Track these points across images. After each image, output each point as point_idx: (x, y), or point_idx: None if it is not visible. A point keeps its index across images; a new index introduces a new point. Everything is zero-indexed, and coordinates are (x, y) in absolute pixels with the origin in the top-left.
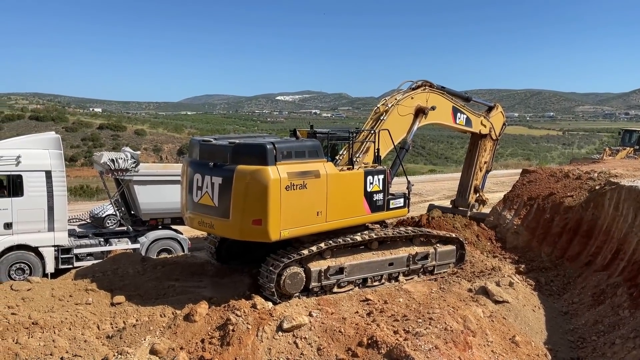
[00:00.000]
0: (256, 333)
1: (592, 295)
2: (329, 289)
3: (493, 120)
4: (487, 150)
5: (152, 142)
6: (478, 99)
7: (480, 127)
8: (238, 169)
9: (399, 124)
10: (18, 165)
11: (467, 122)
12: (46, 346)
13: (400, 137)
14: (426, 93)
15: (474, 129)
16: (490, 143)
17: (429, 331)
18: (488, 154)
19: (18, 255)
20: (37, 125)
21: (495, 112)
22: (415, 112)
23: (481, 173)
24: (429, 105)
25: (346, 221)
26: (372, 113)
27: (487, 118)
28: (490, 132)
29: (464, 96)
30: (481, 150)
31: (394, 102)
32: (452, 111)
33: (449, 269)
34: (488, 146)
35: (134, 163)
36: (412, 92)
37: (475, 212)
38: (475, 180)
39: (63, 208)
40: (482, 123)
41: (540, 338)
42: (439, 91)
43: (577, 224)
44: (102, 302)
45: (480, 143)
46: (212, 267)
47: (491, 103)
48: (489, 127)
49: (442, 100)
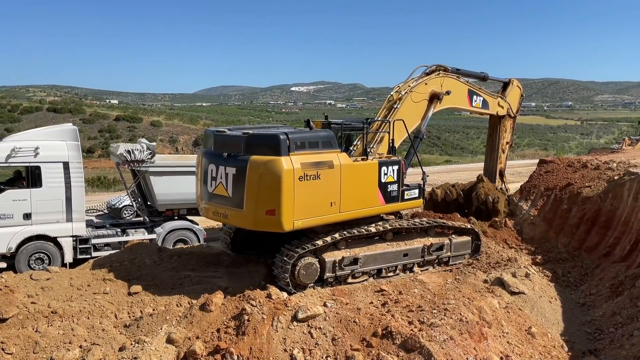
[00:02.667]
0: (271, 323)
1: (610, 287)
2: (343, 279)
3: (510, 98)
4: (508, 130)
5: (167, 134)
6: (494, 76)
7: (498, 108)
8: (252, 160)
9: (413, 112)
10: (36, 157)
11: (483, 105)
12: (65, 335)
13: (414, 124)
14: (440, 77)
15: (491, 111)
16: (509, 122)
17: (444, 322)
18: (509, 133)
19: (37, 246)
20: (55, 117)
21: (511, 88)
22: (430, 97)
23: (504, 155)
24: (444, 90)
25: (360, 212)
26: (385, 101)
27: (503, 98)
28: (508, 112)
29: (479, 75)
30: (501, 131)
31: (407, 90)
32: (468, 94)
33: (464, 260)
34: (508, 126)
35: (150, 154)
36: (425, 78)
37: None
38: (500, 164)
39: (81, 199)
40: (500, 104)
41: (557, 329)
42: (453, 75)
43: (595, 215)
44: (120, 292)
45: (500, 124)
46: (227, 257)
47: (506, 79)
48: (506, 108)
49: (457, 84)
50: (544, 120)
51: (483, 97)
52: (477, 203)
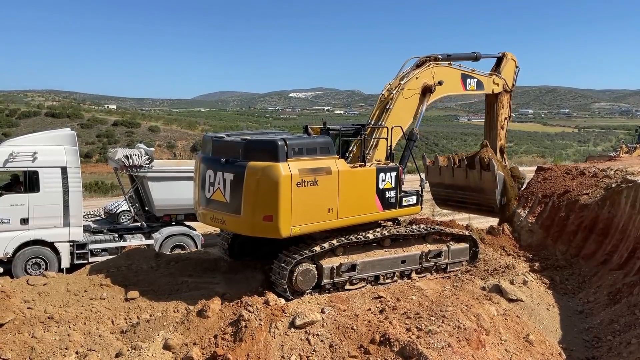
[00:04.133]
0: (269, 329)
1: (608, 294)
2: (341, 285)
3: (505, 73)
4: (505, 106)
5: (166, 139)
6: (486, 53)
7: (493, 86)
8: (249, 165)
9: (406, 110)
10: (34, 162)
11: (478, 86)
12: (61, 340)
13: (408, 123)
14: (431, 68)
15: (487, 90)
16: (506, 97)
17: (442, 329)
18: (507, 108)
19: (34, 250)
20: (53, 122)
21: (505, 63)
22: (422, 91)
23: (504, 131)
24: (436, 80)
25: (358, 218)
26: (378, 101)
27: (498, 75)
28: (504, 88)
29: (472, 56)
30: (499, 108)
31: (398, 88)
32: (461, 79)
33: (462, 266)
34: (505, 101)
35: (148, 159)
36: (416, 72)
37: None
38: (500, 141)
39: (78, 204)
40: (495, 82)
41: (555, 337)
42: (444, 63)
43: (592, 222)
44: (117, 297)
45: (497, 101)
46: (225, 263)
47: (499, 54)
48: (501, 84)
49: (448, 71)
50: (541, 127)
51: (477, 79)
52: (479, 168)
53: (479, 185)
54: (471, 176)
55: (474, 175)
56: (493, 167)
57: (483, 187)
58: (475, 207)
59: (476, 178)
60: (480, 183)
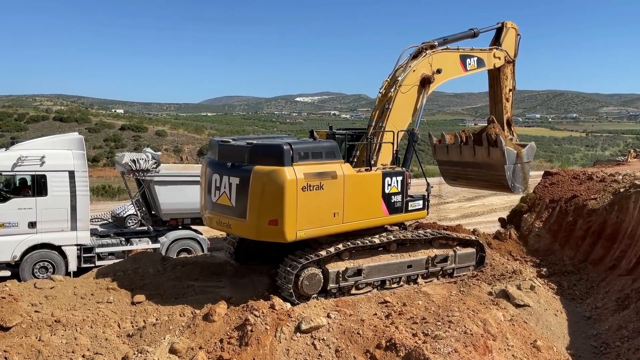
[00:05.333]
0: (274, 334)
1: (616, 300)
2: (347, 290)
3: (505, 44)
4: (509, 77)
5: (172, 143)
6: (484, 27)
7: (494, 60)
8: (255, 170)
9: (407, 106)
10: (42, 166)
11: (478, 64)
12: (68, 344)
13: (409, 120)
14: (428, 57)
15: (488, 66)
16: (509, 67)
17: (448, 334)
18: (510, 80)
19: (42, 254)
20: (61, 126)
21: (505, 33)
22: (421, 82)
23: (509, 103)
24: (434, 68)
25: (363, 222)
26: (377, 100)
27: (499, 48)
28: (506, 59)
29: (469, 34)
30: (502, 80)
31: (396, 85)
32: (460, 60)
33: (468, 271)
34: (508, 72)
35: (154, 164)
36: (412, 65)
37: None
38: (506, 114)
39: (85, 208)
40: (496, 56)
41: (563, 343)
42: (441, 48)
43: (600, 227)
44: (123, 301)
45: (500, 74)
46: (231, 267)
47: (498, 24)
48: (503, 56)
49: (446, 56)
50: (548, 132)
51: (476, 57)
52: (487, 145)
53: (488, 161)
54: (479, 153)
55: (482, 152)
56: (501, 143)
57: (492, 163)
58: (485, 183)
59: (484, 155)
60: (488, 160)
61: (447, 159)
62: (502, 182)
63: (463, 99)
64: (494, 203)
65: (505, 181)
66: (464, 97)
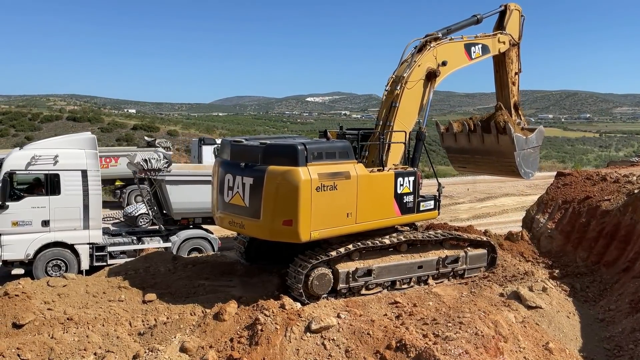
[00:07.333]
0: (284, 333)
1: (630, 302)
2: (357, 290)
3: (509, 28)
4: (514, 60)
5: (184, 143)
6: (486, 13)
7: (499, 45)
8: (269, 170)
9: (414, 103)
10: (56, 165)
11: (483, 51)
12: (80, 341)
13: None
14: (432, 50)
15: (493, 52)
16: (514, 51)
17: (459, 335)
18: (516, 63)
19: (55, 252)
20: (75, 126)
21: (508, 16)
22: (427, 76)
23: (515, 87)
24: (439, 60)
25: (376, 223)
26: (383, 97)
27: (503, 32)
28: (510, 43)
29: (473, 21)
30: (508, 64)
31: (402, 82)
32: (465, 49)
33: (479, 272)
34: (514, 56)
35: (166, 163)
36: (417, 60)
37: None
38: (513, 98)
39: (98, 206)
40: (500, 40)
41: (575, 345)
42: (445, 39)
43: (614, 229)
44: (134, 300)
45: (505, 58)
46: (241, 266)
47: (501, 7)
48: (508, 40)
49: (451, 47)
50: (561, 132)
51: (481, 44)
52: (495, 132)
53: (497, 149)
54: (488, 140)
55: (491, 140)
56: (510, 130)
57: (501, 150)
58: (495, 169)
59: (493, 142)
60: (498, 147)
61: (455, 146)
62: (513, 168)
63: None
64: (506, 204)
65: (516, 168)
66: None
